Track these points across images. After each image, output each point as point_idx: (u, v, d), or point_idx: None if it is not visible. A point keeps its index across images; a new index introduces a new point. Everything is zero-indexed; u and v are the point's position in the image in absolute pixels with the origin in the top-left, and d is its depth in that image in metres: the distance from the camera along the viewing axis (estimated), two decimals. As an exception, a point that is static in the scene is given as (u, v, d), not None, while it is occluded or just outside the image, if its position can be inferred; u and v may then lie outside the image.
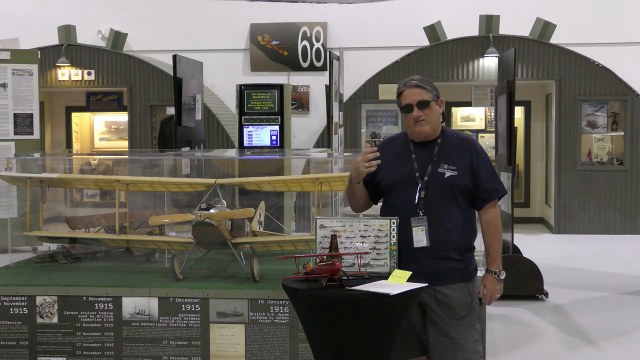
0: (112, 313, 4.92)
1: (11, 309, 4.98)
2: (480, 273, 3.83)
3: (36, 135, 9.30)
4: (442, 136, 3.74)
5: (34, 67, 9.31)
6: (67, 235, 5.90)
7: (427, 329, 3.70)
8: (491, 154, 9.63)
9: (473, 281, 3.74)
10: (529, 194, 13.68)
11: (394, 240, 3.64)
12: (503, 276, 3.73)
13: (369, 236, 3.67)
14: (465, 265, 3.69)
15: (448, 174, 3.64)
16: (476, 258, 3.83)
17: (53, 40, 12.67)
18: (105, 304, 4.93)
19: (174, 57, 8.45)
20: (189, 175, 6.96)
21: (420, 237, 3.61)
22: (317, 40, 13.53)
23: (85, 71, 12.67)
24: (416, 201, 3.63)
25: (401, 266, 3.62)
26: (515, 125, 9.38)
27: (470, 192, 3.68)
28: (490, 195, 3.69)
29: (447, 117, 3.66)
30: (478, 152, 3.71)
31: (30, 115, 9.26)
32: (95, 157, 11.04)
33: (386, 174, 3.71)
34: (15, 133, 9.19)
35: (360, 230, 3.69)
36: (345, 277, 3.58)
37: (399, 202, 3.69)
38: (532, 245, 9.97)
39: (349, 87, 11.41)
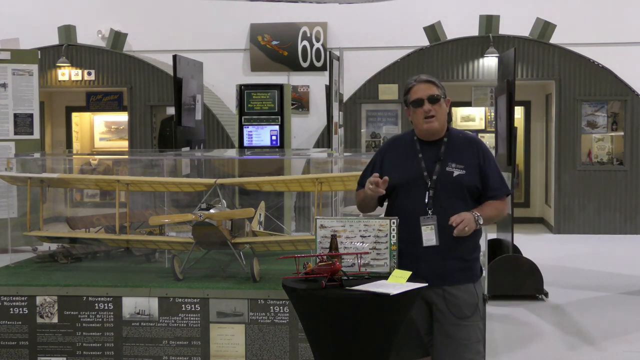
0: (112, 313, 4.92)
1: (11, 309, 4.97)
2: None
3: (36, 135, 9.28)
4: (447, 135, 3.74)
5: (34, 67, 9.29)
6: (67, 235, 5.90)
7: (433, 329, 3.69)
8: (491, 154, 9.60)
9: (479, 281, 3.76)
10: (528, 194, 13.68)
11: (394, 240, 3.63)
12: (481, 222, 3.62)
13: (369, 236, 3.67)
14: (472, 265, 3.71)
15: (456, 172, 3.64)
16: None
17: (53, 40, 12.67)
18: (105, 304, 4.92)
19: (174, 57, 8.45)
20: (189, 175, 6.96)
21: (429, 235, 3.59)
22: (317, 40, 13.53)
23: (85, 71, 12.67)
24: (426, 200, 3.62)
25: (410, 266, 3.57)
26: (515, 125, 9.36)
27: (477, 191, 3.68)
28: (496, 193, 3.70)
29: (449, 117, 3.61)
30: (484, 151, 3.73)
31: (30, 115, 9.25)
32: (95, 157, 11.04)
33: (393, 174, 3.67)
34: (15, 133, 9.18)
35: (360, 230, 3.68)
36: (345, 277, 3.58)
37: (407, 201, 3.67)
38: (532, 245, 9.95)
39: (349, 87, 11.41)
